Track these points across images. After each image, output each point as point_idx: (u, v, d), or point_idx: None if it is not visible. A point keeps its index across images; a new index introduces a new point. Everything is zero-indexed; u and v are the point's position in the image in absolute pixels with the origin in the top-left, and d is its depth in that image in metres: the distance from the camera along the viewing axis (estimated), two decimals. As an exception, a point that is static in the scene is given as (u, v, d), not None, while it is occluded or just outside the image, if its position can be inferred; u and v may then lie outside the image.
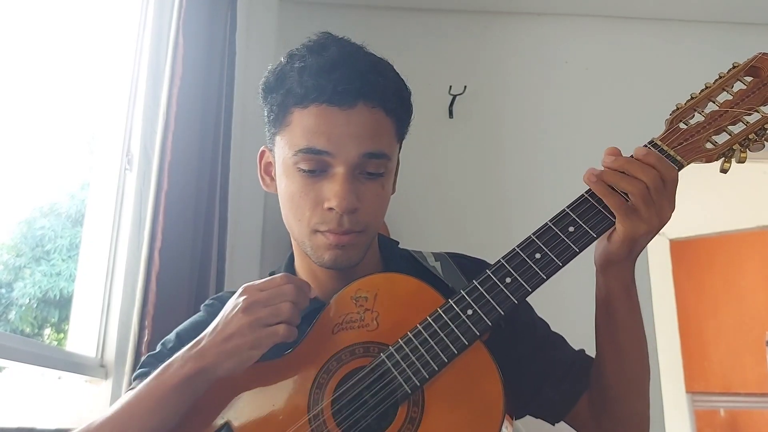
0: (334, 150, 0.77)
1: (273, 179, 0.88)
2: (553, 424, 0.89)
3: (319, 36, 0.83)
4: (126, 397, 0.76)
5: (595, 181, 0.73)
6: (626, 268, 0.77)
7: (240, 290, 0.76)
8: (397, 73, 0.85)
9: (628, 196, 0.71)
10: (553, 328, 0.94)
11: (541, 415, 0.89)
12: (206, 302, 0.95)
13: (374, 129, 0.79)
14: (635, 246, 0.74)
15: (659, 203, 0.71)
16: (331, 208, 0.78)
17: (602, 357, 0.83)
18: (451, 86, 2.49)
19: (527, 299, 0.76)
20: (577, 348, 0.92)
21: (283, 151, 0.82)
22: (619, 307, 0.79)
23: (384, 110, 0.80)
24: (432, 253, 0.95)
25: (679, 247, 4.01)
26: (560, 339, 0.93)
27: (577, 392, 0.86)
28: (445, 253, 0.95)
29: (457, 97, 2.49)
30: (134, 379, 0.86)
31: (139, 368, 0.87)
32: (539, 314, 0.95)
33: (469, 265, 0.93)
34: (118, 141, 1.55)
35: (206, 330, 0.75)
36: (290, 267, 0.92)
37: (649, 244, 0.77)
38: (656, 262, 3.59)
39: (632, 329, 0.80)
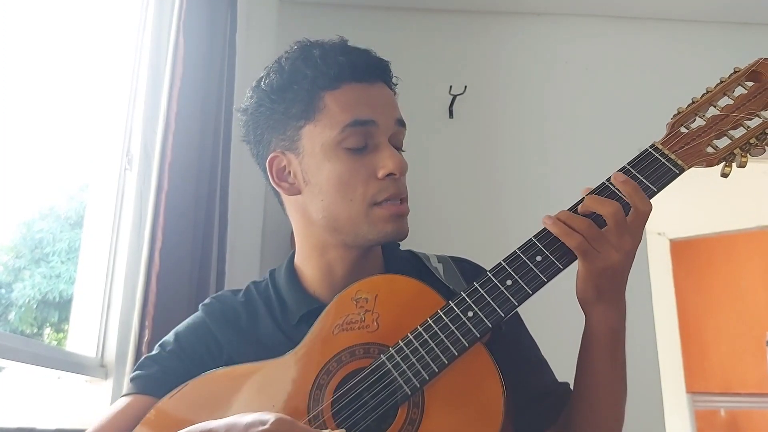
0: (378, 118, 0.81)
1: (292, 183, 0.85)
2: None
3: (297, 42, 0.86)
4: None
5: (551, 223, 0.73)
6: (610, 310, 0.74)
7: (272, 421, 0.65)
8: None
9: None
10: (549, 346, 0.91)
11: None
12: (205, 302, 0.94)
13: (394, 100, 0.86)
14: (600, 282, 0.72)
15: (617, 237, 0.70)
16: (388, 174, 0.80)
17: (574, 400, 0.81)
18: (451, 86, 2.49)
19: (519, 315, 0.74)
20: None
21: (321, 137, 0.81)
22: (599, 351, 0.76)
23: (389, 88, 0.87)
24: (435, 255, 0.95)
25: (679, 247, 4.01)
26: (543, 365, 0.90)
27: (541, 426, 0.83)
28: (448, 256, 0.95)
29: (457, 97, 2.49)
30: (131, 381, 0.85)
31: (136, 370, 0.86)
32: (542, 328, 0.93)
33: (470, 270, 0.93)
34: (118, 141, 1.55)
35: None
36: (290, 267, 0.91)
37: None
38: (656, 262, 3.58)
39: (610, 379, 0.77)
